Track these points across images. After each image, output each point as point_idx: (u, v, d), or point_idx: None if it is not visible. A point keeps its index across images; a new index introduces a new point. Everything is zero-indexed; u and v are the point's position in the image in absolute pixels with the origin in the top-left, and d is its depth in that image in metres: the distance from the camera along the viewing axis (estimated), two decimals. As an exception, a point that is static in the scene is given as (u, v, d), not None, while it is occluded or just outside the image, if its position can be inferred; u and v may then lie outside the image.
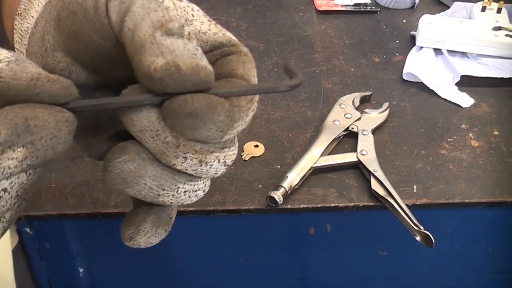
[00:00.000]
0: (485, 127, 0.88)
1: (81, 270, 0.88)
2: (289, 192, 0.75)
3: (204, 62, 0.28)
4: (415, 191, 0.77)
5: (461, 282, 0.93)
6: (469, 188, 0.78)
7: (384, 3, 1.17)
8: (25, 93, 0.26)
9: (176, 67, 0.26)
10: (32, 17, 0.33)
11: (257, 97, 0.31)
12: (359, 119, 0.85)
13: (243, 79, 0.31)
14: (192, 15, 0.32)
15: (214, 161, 0.30)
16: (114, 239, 0.87)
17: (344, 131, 0.84)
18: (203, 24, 0.32)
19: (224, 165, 0.31)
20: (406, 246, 0.82)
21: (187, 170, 0.30)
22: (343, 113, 0.86)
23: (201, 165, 0.30)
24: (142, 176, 0.29)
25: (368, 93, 0.92)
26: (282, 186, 0.74)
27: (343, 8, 1.16)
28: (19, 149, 0.26)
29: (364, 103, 0.91)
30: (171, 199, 0.31)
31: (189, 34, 0.29)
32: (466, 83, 0.95)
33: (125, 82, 0.30)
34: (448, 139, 0.86)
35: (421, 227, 0.70)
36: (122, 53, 0.30)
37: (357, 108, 0.88)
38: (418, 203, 0.76)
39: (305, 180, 0.77)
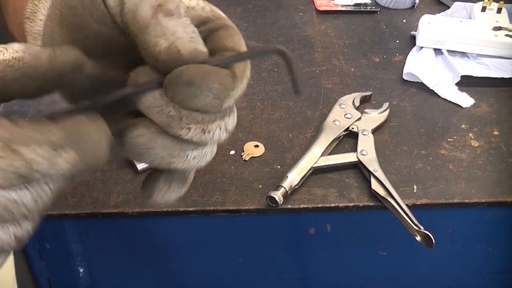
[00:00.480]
0: (485, 127, 0.88)
1: (81, 270, 0.88)
2: (289, 192, 0.75)
3: (200, 45, 0.31)
4: (415, 191, 0.77)
5: (461, 282, 0.93)
6: (469, 188, 0.78)
7: (384, 3, 1.17)
8: (50, 69, 0.30)
9: (177, 52, 0.30)
10: (41, 20, 0.36)
11: (249, 64, 0.34)
12: (359, 119, 0.85)
13: (233, 51, 0.33)
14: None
15: (216, 129, 0.33)
16: (114, 239, 0.88)
17: (344, 131, 0.84)
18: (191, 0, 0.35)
19: (226, 132, 0.33)
20: (406, 246, 0.82)
21: (192, 139, 0.32)
22: (343, 113, 0.86)
23: (204, 134, 0.32)
24: (153, 148, 0.32)
25: (368, 93, 0.92)
26: (282, 186, 0.74)
27: (343, 8, 1.16)
28: (72, 153, 0.29)
29: (364, 103, 0.91)
30: (182, 165, 0.34)
31: (184, 12, 0.32)
32: (466, 83, 0.95)
33: (131, 67, 0.33)
34: (448, 139, 0.86)
35: (421, 227, 0.70)
36: (122, 38, 0.34)
37: (357, 108, 0.88)
38: (418, 203, 0.76)
39: (305, 180, 0.77)
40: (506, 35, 1.00)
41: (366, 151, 0.80)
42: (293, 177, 0.75)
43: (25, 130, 0.28)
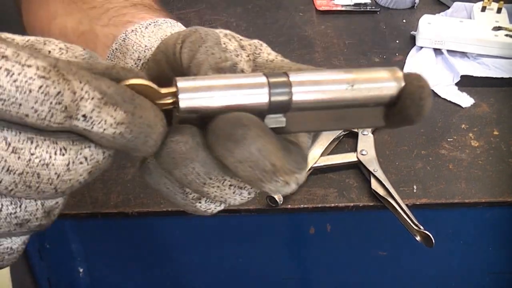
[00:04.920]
0: (485, 127, 0.88)
1: (81, 270, 0.88)
2: (289, 192, 0.75)
3: None
4: (415, 191, 0.77)
5: (461, 282, 0.93)
6: (469, 188, 0.78)
7: (384, 3, 1.17)
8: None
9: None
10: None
11: None
12: (359, 119, 0.85)
13: None
14: (260, 49, 0.36)
15: (293, 181, 0.31)
16: (114, 239, 0.88)
17: (344, 131, 0.84)
18: (270, 54, 0.36)
19: (297, 185, 0.32)
20: (406, 246, 0.82)
21: (270, 190, 0.30)
22: (343, 113, 0.86)
23: (284, 186, 0.31)
24: (192, 160, 0.29)
25: (368, 93, 0.92)
26: (282, 186, 0.74)
27: (343, 8, 1.16)
28: (120, 111, 0.26)
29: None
30: (215, 191, 0.31)
31: (241, 70, 0.34)
32: (466, 83, 0.95)
33: None
34: (448, 139, 0.86)
35: (421, 227, 0.70)
36: None
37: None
38: (418, 203, 0.76)
39: (305, 180, 0.77)
40: (506, 35, 1.00)
41: (366, 151, 0.80)
42: (293, 177, 0.75)
43: (77, 66, 0.26)
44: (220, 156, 0.29)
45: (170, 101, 0.29)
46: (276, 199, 0.73)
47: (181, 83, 0.29)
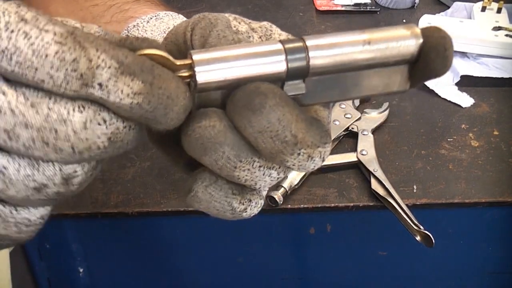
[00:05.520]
0: (485, 127, 0.88)
1: (81, 270, 0.88)
2: (289, 192, 0.75)
3: None
4: (415, 191, 0.77)
5: (461, 282, 0.93)
6: (469, 188, 0.78)
7: (384, 3, 1.17)
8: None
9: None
10: None
11: None
12: (359, 119, 0.85)
13: None
14: (271, 30, 0.35)
15: (317, 156, 0.31)
16: (114, 239, 0.88)
17: (344, 131, 0.84)
18: (281, 35, 0.35)
19: (322, 161, 0.31)
20: (406, 246, 0.82)
21: (293, 165, 0.30)
22: (343, 113, 0.86)
23: (308, 160, 0.30)
24: (221, 144, 0.29)
25: (368, 93, 0.91)
26: (282, 186, 0.74)
27: (343, 8, 1.16)
28: (137, 81, 0.26)
29: (364, 103, 0.91)
30: (246, 174, 0.30)
31: None
32: (466, 83, 0.95)
33: None
34: (448, 139, 0.86)
35: (421, 227, 0.70)
36: None
37: (357, 108, 0.88)
38: (418, 203, 0.76)
39: (305, 180, 0.77)
40: (506, 35, 1.00)
41: (366, 151, 0.80)
42: (293, 177, 0.75)
43: (94, 36, 0.25)
44: (239, 128, 0.29)
45: (186, 74, 0.28)
46: (276, 199, 0.73)
47: (196, 55, 0.28)
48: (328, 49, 0.30)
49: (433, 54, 0.30)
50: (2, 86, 0.25)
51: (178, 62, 0.28)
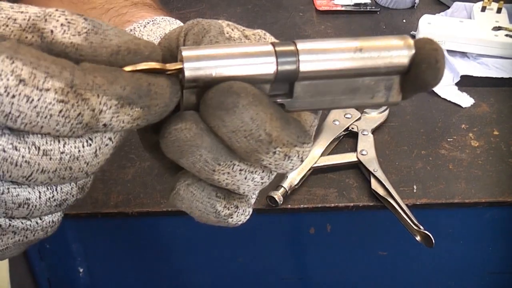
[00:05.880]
0: (485, 127, 0.88)
1: (81, 270, 0.88)
2: (289, 192, 0.75)
3: None
4: (415, 191, 0.77)
5: (461, 282, 0.93)
6: (469, 188, 0.78)
7: (384, 3, 1.17)
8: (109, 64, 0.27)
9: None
10: None
11: None
12: (359, 119, 0.85)
13: None
14: (264, 38, 0.36)
15: (295, 155, 0.30)
16: (114, 239, 0.88)
17: (344, 131, 0.84)
18: None
19: (301, 161, 0.31)
20: (406, 246, 0.82)
21: (270, 165, 0.30)
22: (343, 113, 0.86)
23: (284, 159, 0.30)
24: (198, 146, 0.29)
25: (368, 93, 0.91)
26: (282, 186, 0.74)
27: (343, 8, 1.16)
28: (136, 109, 0.27)
29: (364, 103, 0.91)
30: (226, 178, 0.30)
31: None
32: (466, 83, 0.95)
33: None
34: (448, 139, 0.86)
35: (421, 227, 0.70)
36: None
37: (357, 108, 0.88)
38: (418, 203, 0.76)
39: (305, 180, 0.77)
40: (506, 35, 1.00)
41: (366, 151, 0.80)
42: (293, 177, 0.75)
43: (92, 76, 0.26)
44: (213, 127, 0.29)
45: (178, 66, 0.28)
46: (276, 199, 0.73)
47: (186, 52, 0.28)
48: (319, 54, 0.29)
49: (424, 66, 0.30)
50: (14, 142, 0.26)
51: (169, 67, 0.28)
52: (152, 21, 0.43)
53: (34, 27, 0.26)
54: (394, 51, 0.30)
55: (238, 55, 0.28)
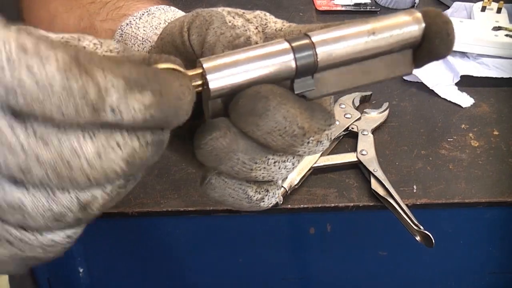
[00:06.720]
0: (485, 127, 0.88)
1: (81, 270, 0.88)
2: (289, 192, 0.75)
3: None
4: (415, 191, 0.77)
5: (461, 282, 0.93)
6: (469, 188, 0.78)
7: (384, 3, 1.17)
8: None
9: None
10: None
11: None
12: (359, 119, 0.85)
13: None
14: (266, 19, 0.36)
15: (325, 138, 0.31)
16: (114, 239, 0.88)
17: (344, 131, 0.84)
18: (276, 23, 0.36)
19: (330, 140, 0.32)
20: (406, 246, 0.82)
21: (304, 153, 0.31)
22: (343, 113, 0.86)
23: (317, 145, 0.31)
24: (235, 151, 0.29)
25: (368, 93, 0.92)
26: (282, 186, 0.74)
27: (343, 8, 1.16)
28: (146, 93, 0.25)
29: (364, 103, 0.91)
30: (263, 173, 0.31)
31: (256, 42, 0.33)
32: (466, 83, 0.95)
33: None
34: (448, 139, 0.86)
35: (421, 227, 0.70)
36: None
37: (357, 108, 0.88)
38: (418, 203, 0.76)
39: (305, 180, 0.77)
40: (506, 35, 1.00)
41: (366, 151, 0.80)
42: (293, 177, 0.75)
43: (98, 56, 0.24)
44: (248, 133, 0.29)
45: (199, 82, 0.29)
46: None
47: (207, 63, 0.28)
48: (335, 43, 0.30)
49: (438, 40, 0.31)
50: (10, 121, 0.24)
51: (190, 73, 0.28)
52: (147, 12, 0.43)
53: (67, 44, 0.26)
54: (405, 28, 0.31)
55: (256, 58, 0.29)
